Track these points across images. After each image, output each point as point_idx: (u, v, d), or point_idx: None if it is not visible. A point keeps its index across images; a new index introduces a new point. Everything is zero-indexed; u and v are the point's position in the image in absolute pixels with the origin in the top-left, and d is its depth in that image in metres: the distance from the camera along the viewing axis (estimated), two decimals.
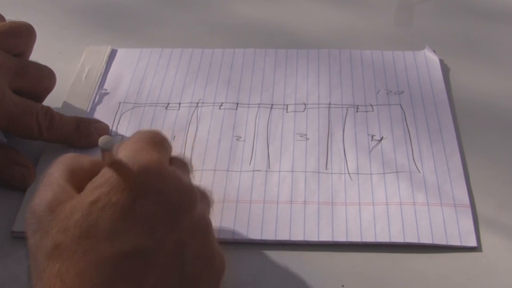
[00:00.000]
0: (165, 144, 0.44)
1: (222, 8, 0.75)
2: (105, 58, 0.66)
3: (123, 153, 0.40)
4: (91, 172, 0.41)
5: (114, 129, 0.59)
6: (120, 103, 0.62)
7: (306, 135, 0.58)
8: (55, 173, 0.41)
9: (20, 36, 0.56)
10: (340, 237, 0.49)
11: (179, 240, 0.39)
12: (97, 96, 0.62)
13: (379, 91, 0.62)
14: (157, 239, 0.38)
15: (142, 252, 0.38)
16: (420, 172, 0.54)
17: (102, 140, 0.39)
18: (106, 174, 0.39)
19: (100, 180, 0.39)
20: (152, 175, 0.39)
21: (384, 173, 0.54)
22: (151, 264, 0.38)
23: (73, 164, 0.42)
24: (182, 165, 0.45)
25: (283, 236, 0.50)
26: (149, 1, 0.76)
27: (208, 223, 0.42)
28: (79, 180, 0.41)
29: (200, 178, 0.54)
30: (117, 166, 0.39)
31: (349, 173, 0.54)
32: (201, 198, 0.43)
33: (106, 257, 0.37)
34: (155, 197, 0.39)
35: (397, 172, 0.54)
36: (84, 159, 0.43)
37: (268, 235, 0.50)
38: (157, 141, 0.43)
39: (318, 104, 0.61)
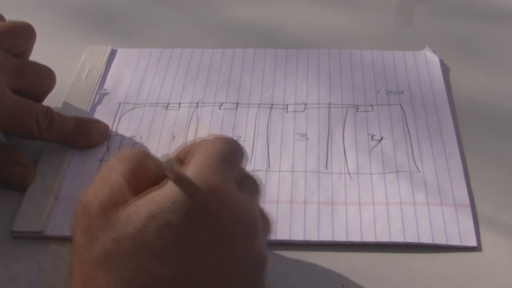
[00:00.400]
0: (238, 158, 0.41)
1: (222, 8, 0.75)
2: (105, 58, 0.66)
3: (192, 168, 0.38)
4: (156, 177, 0.39)
5: (114, 129, 0.59)
6: (120, 103, 0.62)
7: (306, 135, 0.58)
8: (116, 169, 0.39)
9: (20, 36, 0.56)
10: (340, 237, 0.49)
11: (229, 275, 0.38)
12: (97, 96, 0.62)
13: (379, 91, 0.62)
14: (207, 270, 0.37)
15: (189, 280, 0.36)
16: (420, 172, 0.54)
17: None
18: (170, 190, 0.37)
19: (162, 194, 0.37)
20: (217, 201, 0.37)
21: (384, 173, 0.54)
22: None
23: (138, 163, 0.39)
24: (253, 185, 0.43)
25: (283, 236, 0.50)
26: (149, 2, 0.76)
27: (263, 259, 0.40)
28: (140, 182, 0.39)
29: None
30: (183, 183, 0.37)
31: (349, 173, 0.54)
32: (263, 228, 0.41)
33: (155, 279, 0.35)
34: (215, 225, 0.37)
35: (397, 172, 0.54)
36: (151, 160, 0.40)
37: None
38: (229, 157, 0.40)
39: (318, 104, 0.61)
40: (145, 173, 0.39)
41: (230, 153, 0.41)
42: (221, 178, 0.38)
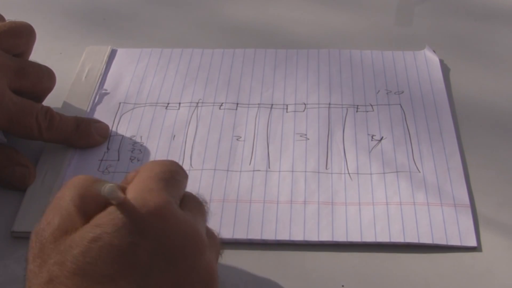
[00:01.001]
0: (178, 179, 0.42)
1: (222, 8, 0.75)
2: (105, 58, 0.66)
3: (131, 192, 0.39)
4: (103, 200, 0.39)
5: (114, 129, 0.59)
6: (120, 103, 0.62)
7: (306, 135, 0.58)
8: (65, 197, 0.40)
9: (20, 36, 0.56)
10: (340, 237, 0.49)
11: None
12: (97, 96, 0.62)
13: (379, 91, 0.62)
14: (152, 287, 0.37)
15: None
16: (420, 172, 0.54)
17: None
18: (112, 213, 0.38)
19: (105, 218, 0.38)
20: (157, 220, 0.38)
21: (384, 173, 0.54)
22: None
23: (85, 189, 0.40)
24: (196, 205, 0.43)
25: (283, 236, 0.50)
26: (149, 2, 0.76)
27: (211, 273, 0.40)
28: (89, 207, 0.39)
29: (200, 178, 0.54)
30: (124, 207, 0.38)
31: (349, 173, 0.54)
32: (210, 245, 0.41)
33: None
34: (157, 244, 0.38)
35: (397, 172, 0.54)
36: (98, 185, 0.40)
37: (268, 235, 0.50)
38: (168, 177, 0.41)
39: (318, 104, 0.61)
40: (94, 199, 0.40)
41: (166, 173, 0.42)
42: (159, 196, 0.39)
